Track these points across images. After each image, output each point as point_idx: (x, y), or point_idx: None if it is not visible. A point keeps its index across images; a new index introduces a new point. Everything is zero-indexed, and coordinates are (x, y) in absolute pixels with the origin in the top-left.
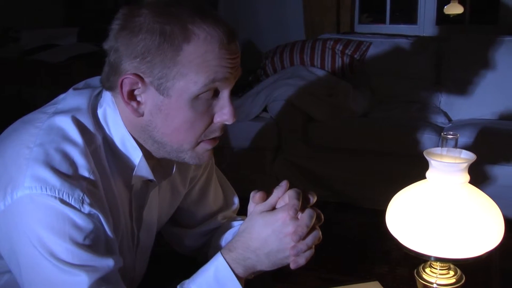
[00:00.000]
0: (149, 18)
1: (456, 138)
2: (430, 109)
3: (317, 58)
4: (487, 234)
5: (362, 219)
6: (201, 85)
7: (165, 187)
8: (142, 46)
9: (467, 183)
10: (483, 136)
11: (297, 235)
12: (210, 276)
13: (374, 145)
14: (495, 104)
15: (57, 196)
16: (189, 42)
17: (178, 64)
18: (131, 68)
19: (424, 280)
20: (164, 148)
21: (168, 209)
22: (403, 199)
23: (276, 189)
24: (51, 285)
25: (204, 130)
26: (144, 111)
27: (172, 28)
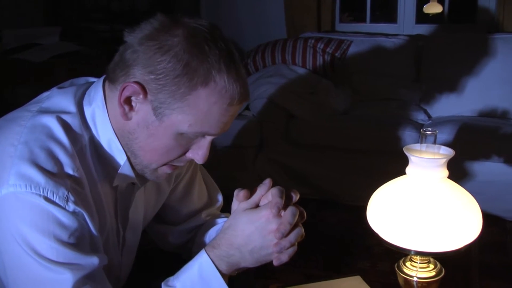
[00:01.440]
0: (181, 44)
1: (435, 134)
2: (410, 106)
3: (298, 56)
4: (465, 228)
5: (343, 215)
6: (193, 130)
7: (150, 186)
8: (162, 67)
9: (446, 178)
10: (462, 132)
11: (280, 232)
12: (194, 273)
13: (355, 143)
14: (474, 101)
15: (41, 194)
16: (206, 86)
17: (185, 102)
18: (140, 78)
19: (404, 274)
20: (134, 159)
21: (154, 207)
22: (383, 194)
23: (260, 187)
24: (35, 283)
25: (175, 158)
26: (132, 118)
27: (198, 66)
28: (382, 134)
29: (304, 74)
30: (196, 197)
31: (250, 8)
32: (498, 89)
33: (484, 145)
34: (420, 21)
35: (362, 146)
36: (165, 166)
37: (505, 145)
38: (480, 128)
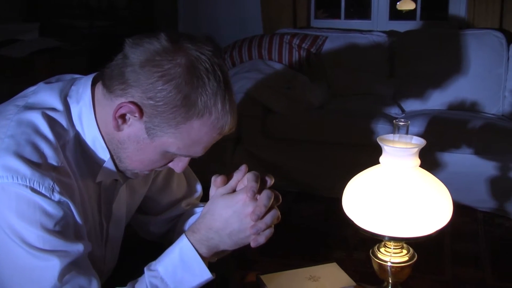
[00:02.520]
0: (183, 76)
1: (407, 124)
2: (384, 100)
3: (274, 52)
4: (436, 214)
5: (320, 207)
6: (179, 152)
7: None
8: (163, 96)
9: (418, 166)
10: (433, 125)
11: (255, 214)
12: (175, 257)
13: (331, 136)
14: (445, 95)
15: (28, 184)
16: (201, 118)
17: (178, 129)
18: (138, 100)
19: (379, 259)
20: (119, 162)
21: (136, 201)
22: (358, 183)
23: (236, 173)
24: (23, 271)
25: (158, 167)
26: (124, 130)
27: (196, 99)
28: (357, 127)
29: (280, 69)
30: (176, 188)
31: (227, 4)
32: (468, 83)
33: (454, 137)
34: (393, 18)
35: (338, 140)
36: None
37: (474, 137)
38: (451, 121)
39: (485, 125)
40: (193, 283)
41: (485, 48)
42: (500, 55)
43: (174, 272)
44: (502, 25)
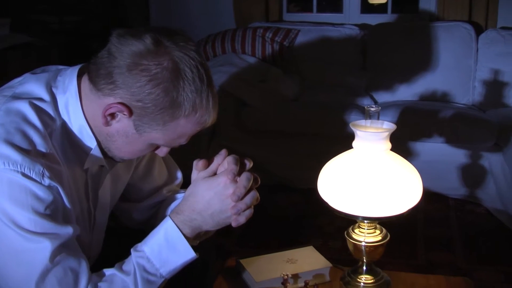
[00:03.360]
0: (169, 79)
1: (378, 111)
2: (357, 92)
3: (247, 46)
4: (407, 194)
5: (295, 198)
6: (165, 144)
7: (116, 168)
8: (151, 98)
9: (388, 150)
10: (405, 115)
11: (236, 195)
12: (160, 238)
13: (305, 128)
14: (416, 86)
15: (19, 170)
16: (187, 117)
17: (165, 126)
18: (127, 101)
19: (353, 239)
20: (108, 151)
21: (120, 187)
22: (332, 166)
23: (216, 157)
24: (16, 254)
25: (145, 154)
26: (113, 125)
27: (183, 101)
28: (330, 119)
29: (254, 63)
30: (157, 175)
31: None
32: (439, 74)
33: (426, 127)
34: (365, 11)
35: (311, 131)
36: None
37: (445, 127)
38: (422, 111)
39: (456, 114)
40: (178, 262)
41: (455, 40)
42: (469, 46)
43: (160, 252)
44: (471, 17)
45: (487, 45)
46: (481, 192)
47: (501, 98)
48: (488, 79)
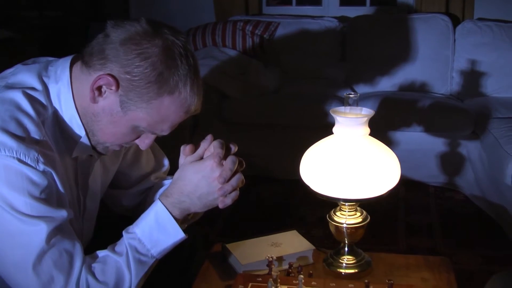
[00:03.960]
0: (159, 56)
1: (357, 97)
2: (336, 84)
3: (228, 39)
4: (386, 176)
5: (277, 189)
6: (148, 128)
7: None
8: (139, 71)
9: (367, 135)
10: (385, 106)
11: (222, 177)
12: (151, 219)
13: (286, 119)
14: (395, 77)
15: (15, 156)
16: (171, 95)
17: (150, 104)
18: (116, 73)
19: (335, 222)
20: (92, 136)
21: (109, 175)
22: (314, 152)
23: (203, 142)
24: (14, 236)
25: (127, 142)
26: (99, 102)
27: (169, 77)
28: (311, 110)
29: (234, 56)
30: (145, 162)
31: None
32: (417, 65)
33: (405, 117)
34: (344, 4)
35: (292, 123)
36: (115, 145)
37: (424, 116)
38: (401, 101)
39: (434, 104)
40: (168, 243)
41: (432, 32)
42: (447, 37)
43: (151, 234)
44: (448, 9)
45: (464, 36)
46: (459, 179)
47: (478, 88)
48: (466, 69)
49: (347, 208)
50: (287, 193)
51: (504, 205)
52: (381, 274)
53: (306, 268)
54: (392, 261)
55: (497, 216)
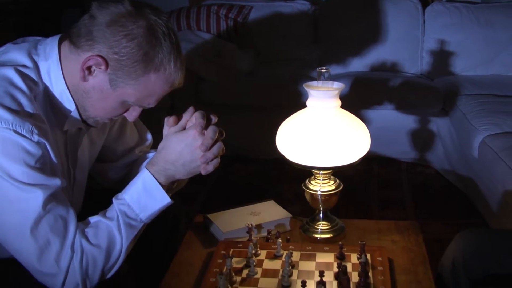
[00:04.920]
0: (144, 36)
1: (329, 71)
2: (310, 65)
3: (202, 22)
4: (357, 145)
5: (254, 168)
6: (136, 102)
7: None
8: (126, 52)
9: (339, 107)
10: (357, 85)
11: (204, 145)
12: (139, 186)
13: (261, 100)
14: (367, 58)
15: (11, 128)
16: (157, 72)
17: (137, 81)
18: (105, 54)
19: (310, 190)
20: (83, 111)
21: (97, 150)
22: (289, 124)
23: (185, 114)
24: (12, 203)
25: (116, 115)
26: (89, 81)
27: (154, 56)
28: (285, 91)
29: (209, 39)
30: (129, 137)
31: None
32: (388, 46)
33: (377, 95)
34: None
35: (267, 103)
36: (105, 118)
37: (395, 95)
38: (373, 80)
39: (405, 83)
40: (155, 208)
41: (402, 13)
42: (416, 19)
43: (139, 199)
44: None
45: (433, 17)
46: (430, 154)
47: (448, 67)
48: (435, 49)
49: (321, 176)
50: (263, 172)
51: (472, 177)
52: (354, 238)
53: (284, 235)
54: (365, 226)
55: (465, 188)
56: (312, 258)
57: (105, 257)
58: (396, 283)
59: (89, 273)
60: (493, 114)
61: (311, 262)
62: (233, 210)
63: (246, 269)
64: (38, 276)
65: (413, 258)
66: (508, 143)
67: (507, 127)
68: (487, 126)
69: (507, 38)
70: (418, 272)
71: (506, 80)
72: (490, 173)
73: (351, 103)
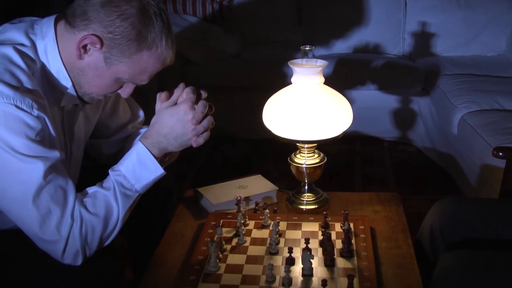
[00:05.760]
0: (137, 16)
1: (312, 49)
2: (294, 47)
3: (188, 6)
4: (340, 119)
5: (241, 148)
6: (129, 79)
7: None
8: (120, 31)
9: (322, 83)
10: (340, 66)
11: (195, 119)
12: (133, 158)
13: (246, 82)
14: (350, 40)
15: (12, 103)
16: (149, 50)
17: (131, 59)
18: (100, 33)
19: (296, 163)
20: (79, 88)
21: (91, 126)
22: (275, 100)
23: (176, 89)
24: (14, 174)
25: (111, 92)
26: (85, 59)
27: (146, 35)
28: (270, 72)
29: (195, 22)
30: (122, 113)
31: None
32: (371, 28)
33: (360, 76)
34: None
35: (253, 85)
36: (100, 95)
37: (377, 75)
38: (356, 61)
39: (387, 63)
40: (149, 178)
41: None
42: (398, 1)
43: (134, 170)
44: None
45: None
46: (412, 133)
47: (429, 48)
48: (417, 31)
49: (306, 150)
50: (250, 152)
51: (452, 154)
52: (338, 209)
53: (271, 207)
54: (348, 198)
55: (446, 165)
56: (298, 228)
57: (103, 225)
58: (377, 249)
59: (88, 241)
60: (472, 93)
61: (297, 231)
62: (222, 184)
63: (236, 238)
64: (40, 243)
65: (393, 226)
66: (486, 119)
67: (485, 105)
68: (466, 104)
69: (487, 19)
70: (398, 239)
71: (486, 60)
72: (468, 148)
73: (335, 84)
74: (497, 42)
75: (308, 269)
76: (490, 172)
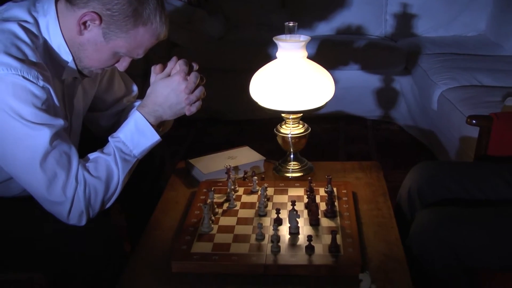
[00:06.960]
0: None
1: (295, 25)
2: (278, 29)
3: None
4: (322, 91)
5: (228, 129)
6: (126, 53)
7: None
8: (118, 8)
9: (305, 57)
10: (324, 47)
11: (187, 89)
12: (131, 126)
13: (232, 64)
14: (333, 22)
15: (19, 74)
16: (145, 26)
17: (128, 34)
18: (99, 10)
19: (282, 133)
20: (79, 62)
21: (89, 100)
22: (261, 74)
23: (169, 62)
24: (22, 140)
25: (108, 65)
26: (84, 34)
27: (142, 11)
28: (254, 53)
29: (180, 6)
30: (117, 87)
31: None
32: (353, 10)
33: (343, 57)
34: None
35: (238, 66)
36: (99, 68)
37: (360, 56)
38: (339, 42)
39: (369, 44)
40: (146, 144)
41: None
42: None
43: (132, 137)
44: None
45: None
46: (394, 111)
47: (410, 29)
48: (398, 12)
49: (291, 121)
50: (236, 132)
51: (432, 130)
52: (322, 176)
53: (259, 175)
54: (332, 167)
55: (427, 141)
56: (285, 193)
57: (105, 188)
58: (359, 211)
59: (92, 202)
60: (451, 70)
61: (283, 196)
62: (212, 155)
63: (227, 203)
64: (47, 205)
65: (374, 191)
66: (464, 94)
67: (464, 81)
68: (446, 80)
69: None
70: (379, 201)
71: (466, 40)
72: (448, 122)
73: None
74: (477, 22)
75: (295, 228)
76: (466, 143)
